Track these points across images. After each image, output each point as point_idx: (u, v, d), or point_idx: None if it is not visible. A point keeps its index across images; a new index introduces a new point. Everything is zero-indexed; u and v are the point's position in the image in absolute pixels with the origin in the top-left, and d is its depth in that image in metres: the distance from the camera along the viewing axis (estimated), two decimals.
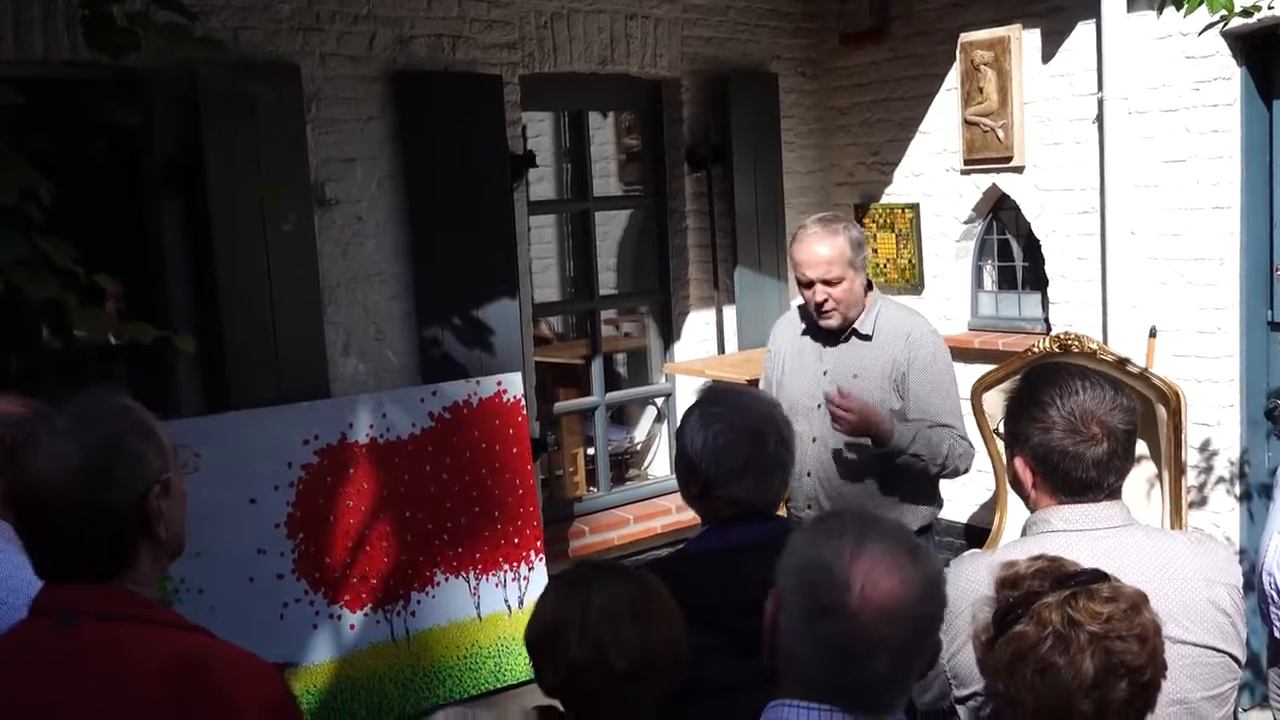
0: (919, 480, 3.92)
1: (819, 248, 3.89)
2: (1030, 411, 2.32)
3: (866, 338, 3.97)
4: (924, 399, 3.90)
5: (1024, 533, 2.38)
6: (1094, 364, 4.40)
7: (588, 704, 2.11)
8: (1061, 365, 2.42)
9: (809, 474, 3.93)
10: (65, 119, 3.93)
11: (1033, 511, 2.38)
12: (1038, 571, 1.91)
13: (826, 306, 3.92)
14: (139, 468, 1.89)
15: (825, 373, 4.00)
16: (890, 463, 3.84)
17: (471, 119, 5.18)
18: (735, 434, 2.56)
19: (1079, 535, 2.25)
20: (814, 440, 3.91)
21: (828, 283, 3.89)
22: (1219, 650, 2.20)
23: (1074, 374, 2.35)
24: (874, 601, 1.68)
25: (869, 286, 4.03)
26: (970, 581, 2.16)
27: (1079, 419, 2.27)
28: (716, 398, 2.72)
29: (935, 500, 4.09)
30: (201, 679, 1.81)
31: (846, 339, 4.00)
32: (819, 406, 3.91)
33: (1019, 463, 2.35)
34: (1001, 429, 2.46)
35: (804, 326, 4.10)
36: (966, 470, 3.99)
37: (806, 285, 3.93)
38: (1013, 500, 5.33)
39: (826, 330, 4.00)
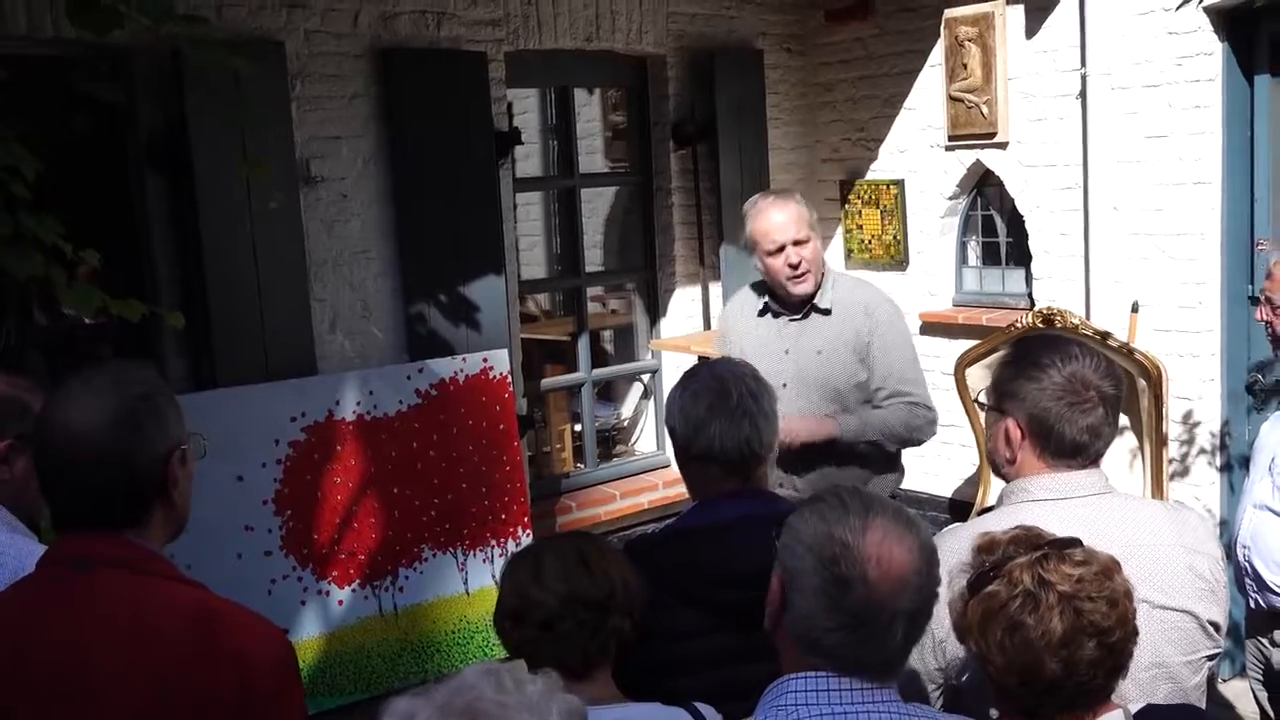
0: (879, 453, 4.00)
1: (781, 213, 3.95)
2: (1028, 372, 2.34)
3: (825, 312, 4.00)
4: (888, 368, 3.97)
5: (1000, 502, 2.40)
6: (1076, 339, 4.42)
7: (569, 645, 2.20)
8: (1055, 334, 2.46)
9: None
10: (49, 97, 3.93)
11: (1009, 480, 2.40)
12: (1014, 539, 1.94)
13: (801, 268, 3.93)
14: (166, 430, 1.97)
15: (787, 351, 4.01)
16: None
17: (457, 96, 5.17)
18: (700, 386, 2.60)
19: (1057, 504, 2.27)
20: (782, 420, 3.94)
21: (797, 244, 3.92)
22: (1196, 616, 2.23)
23: (1071, 341, 2.41)
24: (891, 572, 1.75)
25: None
26: (953, 554, 2.19)
27: (1078, 382, 2.30)
28: (694, 369, 2.75)
29: (897, 468, 4.17)
30: (217, 631, 1.90)
31: (805, 315, 4.02)
32: (784, 385, 3.93)
33: (1009, 424, 2.36)
34: (984, 397, 2.47)
35: (760, 306, 4.12)
36: (931, 436, 4.08)
37: (774, 253, 3.95)
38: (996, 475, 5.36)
39: (786, 306, 4.02)
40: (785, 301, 4.05)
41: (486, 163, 5.28)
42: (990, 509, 2.45)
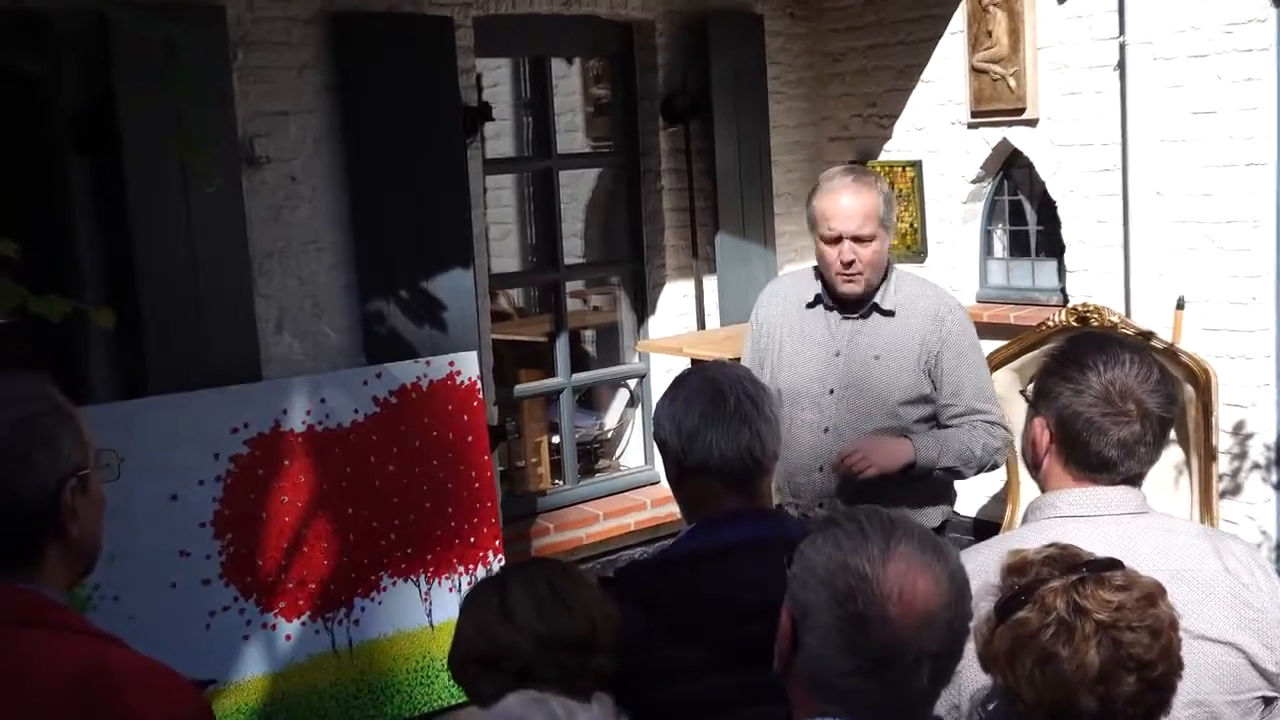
0: (940, 480, 3.91)
1: (853, 200, 3.79)
2: (1067, 371, 2.34)
3: (889, 314, 3.89)
4: (959, 385, 3.85)
5: (1025, 519, 2.41)
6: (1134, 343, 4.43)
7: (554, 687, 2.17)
8: (1113, 335, 2.46)
9: (820, 469, 3.86)
10: None
11: (1039, 483, 2.41)
12: (1048, 559, 1.93)
13: (854, 269, 3.82)
14: (58, 455, 1.89)
15: (838, 353, 3.88)
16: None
17: (419, 66, 5.17)
18: (691, 392, 2.56)
19: (1086, 522, 2.27)
20: (826, 431, 3.83)
21: (859, 240, 3.79)
22: (1243, 650, 2.23)
23: (1123, 345, 2.39)
24: (915, 607, 1.71)
25: None
26: (976, 575, 2.19)
27: (1116, 392, 2.30)
28: (682, 375, 2.73)
29: (951, 496, 4.09)
30: (106, 693, 1.80)
31: (865, 314, 3.92)
32: (830, 392, 3.88)
33: (1038, 424, 2.36)
34: (1029, 391, 2.48)
35: (810, 298, 4.01)
36: (1004, 461, 3.98)
37: (831, 242, 3.81)
38: (1026, 491, 5.38)
39: (841, 301, 3.93)
40: (840, 296, 3.99)
41: (453, 142, 5.28)
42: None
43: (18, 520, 1.88)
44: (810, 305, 3.98)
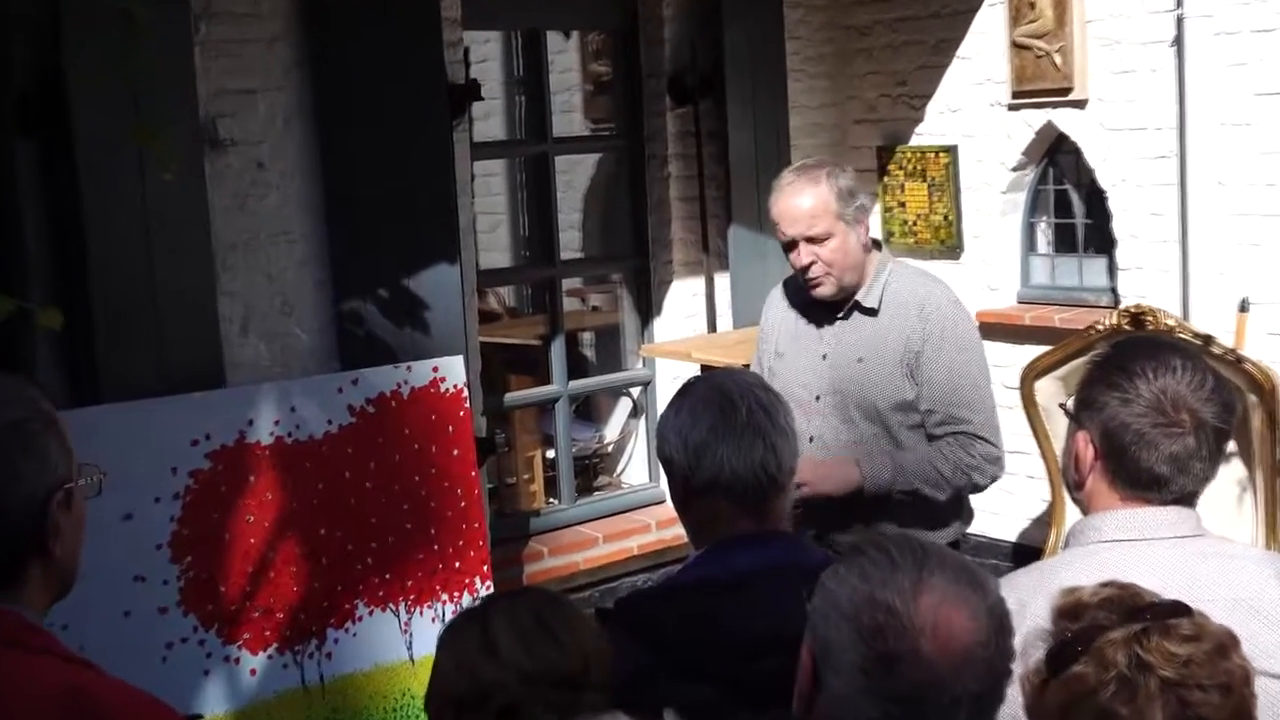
0: (929, 503, 3.93)
1: (796, 200, 3.91)
2: (1113, 378, 2.34)
3: (871, 312, 3.96)
4: (940, 387, 3.89)
5: (1067, 543, 2.41)
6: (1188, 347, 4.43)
7: None
8: (1163, 338, 2.46)
9: (801, 485, 3.90)
10: None
11: (1082, 504, 2.41)
12: (1105, 600, 1.91)
13: (813, 271, 3.91)
14: (46, 466, 1.91)
15: (824, 356, 4.00)
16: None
17: (400, 40, 5.17)
18: (698, 402, 2.57)
19: (1135, 547, 2.27)
20: (810, 440, 3.88)
21: (812, 240, 3.89)
22: None
23: (1176, 349, 2.40)
24: (951, 645, 1.71)
25: (875, 247, 4.04)
26: (1018, 604, 2.19)
27: (1168, 401, 2.30)
28: (689, 383, 2.74)
29: (962, 513, 4.09)
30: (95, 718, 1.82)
31: (847, 315, 4.00)
32: (817, 399, 3.93)
33: (1081, 438, 2.37)
34: (1070, 404, 2.48)
35: (807, 297, 4.09)
36: (994, 480, 3.99)
37: (789, 247, 3.95)
38: (1072, 513, 5.38)
39: (823, 304, 4.00)
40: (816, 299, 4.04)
41: (438, 123, 5.28)
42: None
43: (2, 536, 1.88)
44: (806, 306, 4.07)
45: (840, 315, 4.00)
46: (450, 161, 5.33)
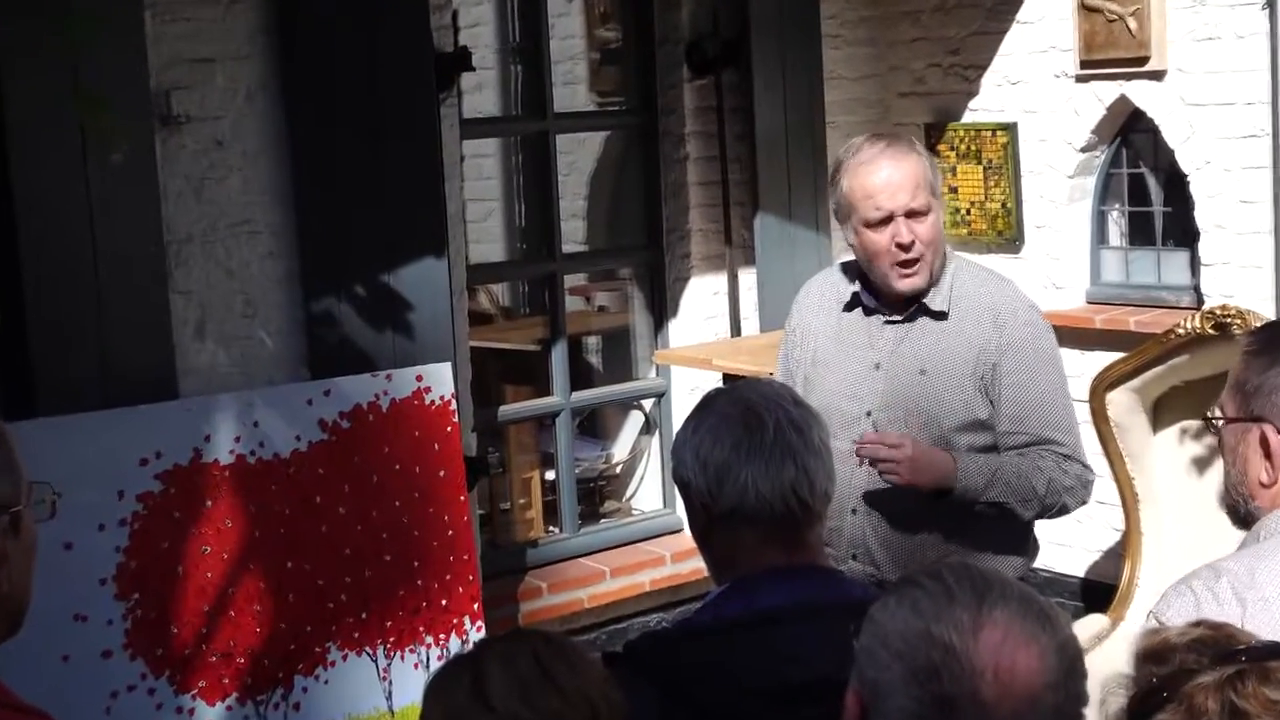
0: (1006, 522, 3.93)
1: (898, 166, 3.83)
2: None
3: (940, 315, 3.93)
4: (1025, 405, 3.87)
5: (1246, 541, 2.43)
6: None
7: None
8: None
9: (854, 511, 3.90)
10: None
11: (1257, 518, 2.42)
12: (1194, 642, 1.91)
13: (914, 252, 3.84)
14: None
15: (877, 365, 3.95)
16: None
17: (379, 1, 5.18)
18: (720, 419, 2.57)
19: None
20: (861, 463, 3.89)
21: (914, 214, 3.82)
22: None
23: None
24: (1014, 688, 1.72)
25: None
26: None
27: None
28: (709, 397, 2.74)
29: (1028, 546, 4.08)
30: None
31: (911, 317, 3.96)
32: (867, 414, 3.91)
33: (1266, 432, 2.40)
34: (1220, 410, 2.50)
35: (848, 298, 4.05)
36: (1081, 504, 3.99)
37: (878, 224, 3.84)
38: (1150, 545, 5.37)
39: (885, 301, 3.96)
40: (884, 294, 4.00)
41: (422, 97, 5.29)
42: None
43: None
44: (848, 307, 4.02)
45: (899, 318, 3.94)
46: (436, 140, 5.33)
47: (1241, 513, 2.47)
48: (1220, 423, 2.50)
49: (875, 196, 3.82)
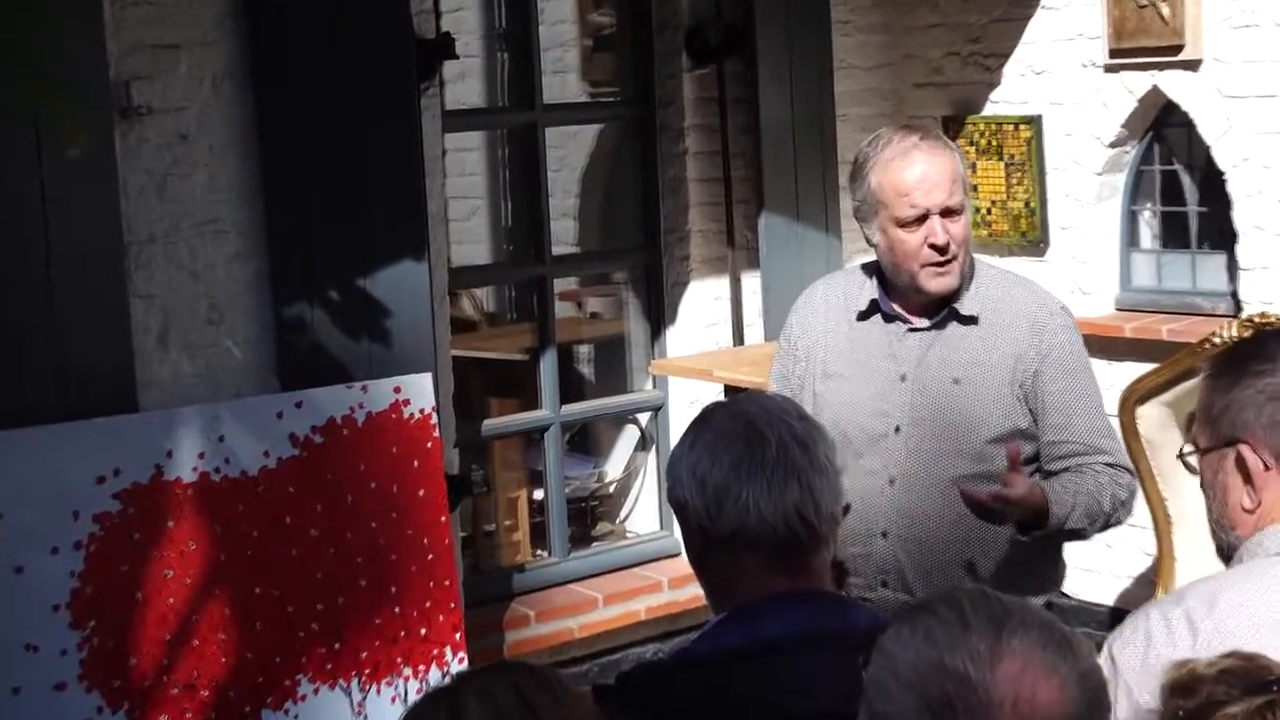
0: (1039, 543, 3.93)
1: (934, 161, 3.85)
2: (1252, 369, 2.41)
3: (971, 321, 3.94)
4: (1070, 415, 3.89)
5: (1235, 560, 2.44)
6: None
7: None
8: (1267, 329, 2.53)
9: (884, 534, 3.89)
10: None
11: (1238, 538, 2.43)
12: (1224, 673, 1.93)
13: (950, 252, 3.85)
14: None
15: (904, 377, 3.94)
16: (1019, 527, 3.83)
17: None
18: (718, 435, 2.57)
19: None
20: (891, 483, 3.88)
21: (949, 213, 3.84)
22: None
23: None
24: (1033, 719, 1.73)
25: None
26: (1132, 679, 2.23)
27: None
28: (707, 411, 2.74)
29: (1059, 568, 4.10)
30: None
31: (940, 323, 3.95)
32: (896, 430, 3.91)
33: (1242, 454, 2.41)
34: (1192, 445, 2.51)
35: (865, 303, 4.05)
36: (1130, 515, 4.02)
37: (911, 224, 3.84)
38: (1182, 568, 5.37)
39: (910, 307, 3.96)
40: (910, 300, 3.99)
41: (401, 87, 5.30)
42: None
43: None
44: (864, 315, 4.02)
45: (925, 325, 3.95)
46: (416, 133, 5.34)
47: (1225, 547, 2.48)
48: (1194, 458, 2.52)
49: (910, 194, 3.83)
